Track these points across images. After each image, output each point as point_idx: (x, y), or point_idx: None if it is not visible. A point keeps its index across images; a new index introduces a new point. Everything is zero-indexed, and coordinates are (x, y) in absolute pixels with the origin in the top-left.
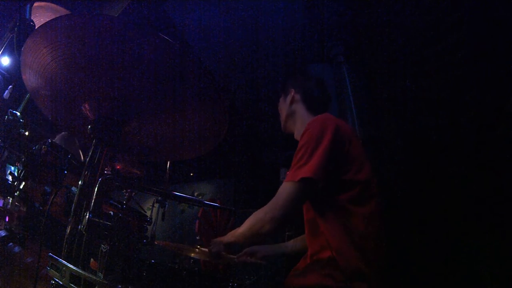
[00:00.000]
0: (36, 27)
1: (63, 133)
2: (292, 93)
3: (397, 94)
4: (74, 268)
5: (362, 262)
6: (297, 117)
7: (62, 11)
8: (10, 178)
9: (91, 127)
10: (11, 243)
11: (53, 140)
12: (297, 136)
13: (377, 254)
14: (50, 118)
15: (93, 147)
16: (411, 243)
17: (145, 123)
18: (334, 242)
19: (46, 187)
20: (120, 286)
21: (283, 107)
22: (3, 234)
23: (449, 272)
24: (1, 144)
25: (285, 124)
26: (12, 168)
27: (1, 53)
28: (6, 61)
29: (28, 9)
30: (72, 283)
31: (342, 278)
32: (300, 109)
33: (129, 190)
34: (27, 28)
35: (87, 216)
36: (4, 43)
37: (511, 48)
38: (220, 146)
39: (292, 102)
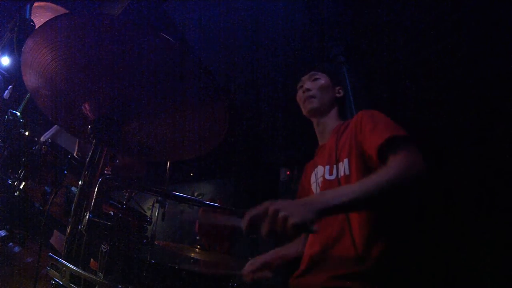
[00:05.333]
0: (36, 27)
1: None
2: (341, 92)
3: (397, 94)
4: (74, 268)
5: (388, 262)
6: (332, 114)
7: (62, 11)
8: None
9: (91, 127)
10: (11, 243)
11: (50, 135)
12: (322, 126)
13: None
14: (50, 118)
15: (93, 147)
16: (410, 243)
17: (145, 123)
18: (361, 238)
19: (46, 187)
20: (120, 286)
21: (329, 92)
22: (3, 234)
23: (449, 272)
24: (1, 144)
25: (319, 106)
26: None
27: (1, 53)
28: (6, 61)
29: (28, 9)
30: (72, 283)
31: (364, 278)
32: (336, 108)
33: (129, 190)
34: (27, 28)
35: (87, 216)
36: (4, 43)
37: (511, 48)
38: (220, 146)
39: (337, 98)
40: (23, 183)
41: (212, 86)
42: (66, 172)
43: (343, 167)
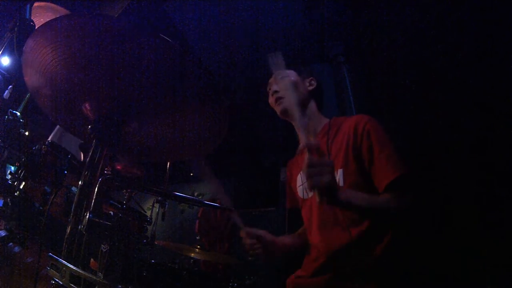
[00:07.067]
0: (36, 27)
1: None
2: (314, 83)
3: (397, 94)
4: (74, 268)
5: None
6: (310, 110)
7: (62, 11)
8: (9, 177)
9: (91, 127)
10: (11, 243)
11: (55, 135)
12: (302, 124)
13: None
14: (50, 118)
15: (93, 147)
16: (410, 243)
17: (145, 123)
18: (361, 238)
19: (46, 187)
20: (120, 286)
21: (298, 87)
22: (3, 234)
23: (448, 272)
24: (1, 144)
25: (291, 105)
26: (12, 168)
27: (1, 53)
28: (6, 61)
29: (28, 9)
30: (72, 283)
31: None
32: (313, 103)
33: (129, 190)
34: (27, 28)
35: (87, 216)
36: (4, 43)
37: (511, 48)
38: (220, 146)
39: (310, 91)
40: (23, 183)
41: (212, 86)
42: (66, 172)
43: (337, 177)
